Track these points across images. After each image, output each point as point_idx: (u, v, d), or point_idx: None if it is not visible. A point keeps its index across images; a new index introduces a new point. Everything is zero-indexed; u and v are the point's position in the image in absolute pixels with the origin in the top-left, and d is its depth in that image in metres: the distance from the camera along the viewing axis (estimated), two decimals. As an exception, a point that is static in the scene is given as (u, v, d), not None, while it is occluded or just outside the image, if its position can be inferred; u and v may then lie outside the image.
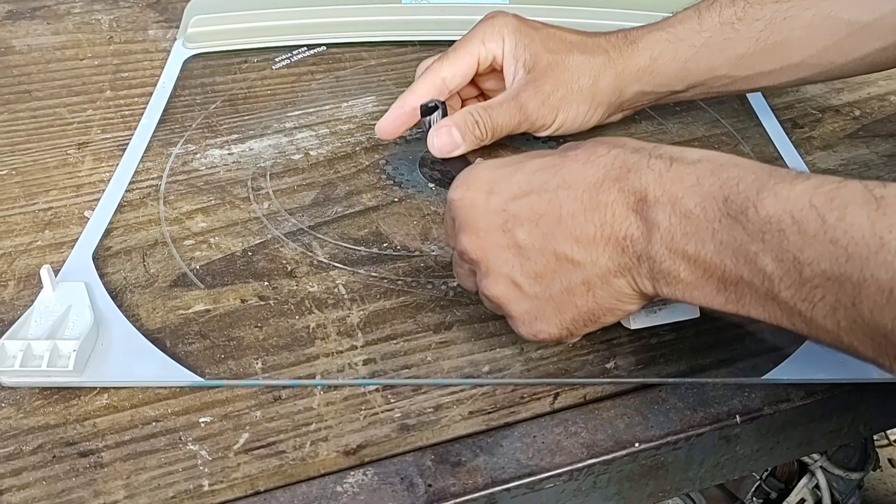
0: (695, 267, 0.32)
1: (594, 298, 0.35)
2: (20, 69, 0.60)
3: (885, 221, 0.28)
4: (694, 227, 0.32)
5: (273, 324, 0.41)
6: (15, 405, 0.37)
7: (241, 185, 0.49)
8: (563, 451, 0.36)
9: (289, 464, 0.35)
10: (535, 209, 0.35)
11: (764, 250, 0.30)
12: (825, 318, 0.30)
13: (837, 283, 0.29)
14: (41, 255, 0.44)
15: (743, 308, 0.32)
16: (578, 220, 0.34)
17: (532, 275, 0.35)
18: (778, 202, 0.30)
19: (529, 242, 0.35)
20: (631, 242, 0.33)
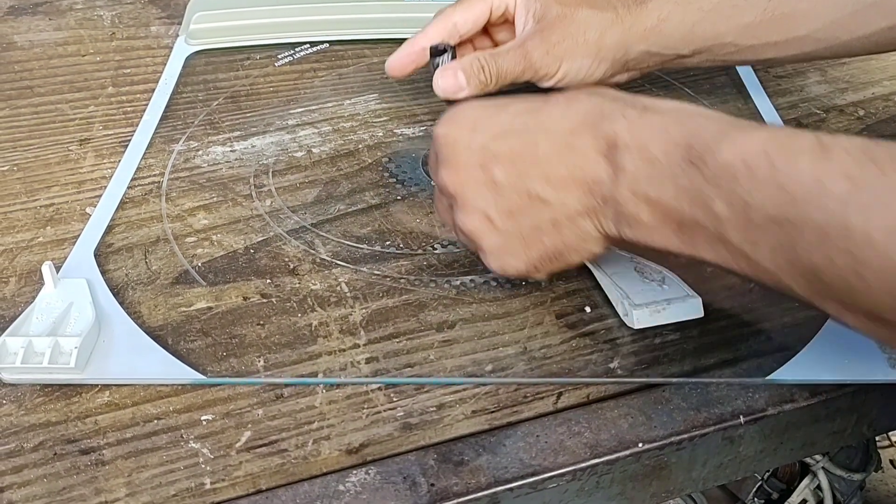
0: (655, 210, 0.33)
1: (561, 237, 0.37)
2: (22, 65, 0.59)
3: (826, 167, 0.29)
4: (657, 172, 0.33)
5: (275, 322, 0.40)
6: (16, 402, 0.37)
7: (244, 182, 0.49)
8: (567, 450, 0.36)
9: (291, 462, 0.35)
10: (513, 149, 0.36)
11: (718, 195, 0.31)
12: (767, 260, 0.31)
13: (779, 226, 0.30)
14: (43, 251, 0.44)
15: (696, 250, 0.33)
16: (552, 161, 0.36)
17: (505, 211, 0.37)
18: (734, 149, 0.31)
19: (505, 180, 0.37)
20: (598, 185, 0.35)
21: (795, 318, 0.41)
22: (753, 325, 0.41)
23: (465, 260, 0.44)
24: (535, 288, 0.43)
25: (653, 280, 0.41)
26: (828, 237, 0.28)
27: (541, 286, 0.43)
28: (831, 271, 0.29)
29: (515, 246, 0.38)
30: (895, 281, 0.27)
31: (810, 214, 0.29)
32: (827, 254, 0.29)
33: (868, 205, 0.28)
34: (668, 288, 0.41)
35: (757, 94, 0.57)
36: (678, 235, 0.33)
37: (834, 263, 0.29)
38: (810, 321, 0.41)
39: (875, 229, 0.27)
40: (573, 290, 0.42)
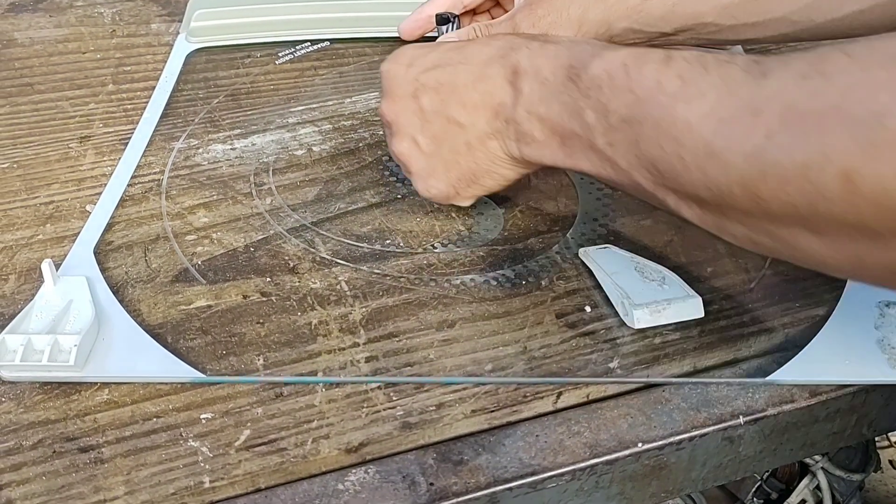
0: (545, 126, 0.38)
1: (474, 159, 0.41)
2: (22, 62, 0.59)
3: (665, 71, 0.33)
4: (546, 91, 0.38)
5: (275, 320, 0.40)
6: (15, 400, 0.37)
7: (244, 180, 0.49)
8: (566, 450, 0.35)
9: (290, 461, 0.35)
10: (439, 80, 0.41)
11: (588, 104, 0.36)
12: (622, 159, 0.35)
13: (629, 125, 0.34)
14: (42, 249, 0.44)
15: (576, 162, 0.38)
16: (468, 89, 0.40)
17: (430, 135, 0.42)
18: (602, 63, 0.36)
19: (430, 107, 0.41)
20: (503, 108, 0.39)
21: (795, 319, 0.41)
22: (753, 325, 0.41)
23: (465, 259, 0.44)
24: (535, 287, 0.42)
25: (653, 280, 0.41)
26: (661, 128, 0.33)
27: (541, 286, 0.43)
28: (664, 159, 0.33)
29: (438, 168, 0.42)
30: (706, 158, 0.31)
31: (650, 111, 0.33)
32: (660, 143, 0.33)
33: (691, 96, 0.32)
34: (668, 288, 0.41)
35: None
36: (562, 149, 0.38)
37: (665, 151, 0.33)
38: (810, 322, 0.41)
39: (694, 115, 0.32)
40: (573, 289, 0.42)
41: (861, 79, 0.28)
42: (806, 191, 0.29)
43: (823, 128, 0.28)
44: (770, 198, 0.30)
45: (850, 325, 0.40)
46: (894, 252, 0.29)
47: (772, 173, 0.29)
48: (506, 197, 0.48)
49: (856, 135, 0.27)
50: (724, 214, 0.33)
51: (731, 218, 0.33)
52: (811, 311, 0.41)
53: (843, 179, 0.28)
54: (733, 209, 0.32)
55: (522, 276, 0.43)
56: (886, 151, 0.27)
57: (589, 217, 0.47)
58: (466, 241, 0.45)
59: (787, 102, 0.30)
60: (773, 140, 0.29)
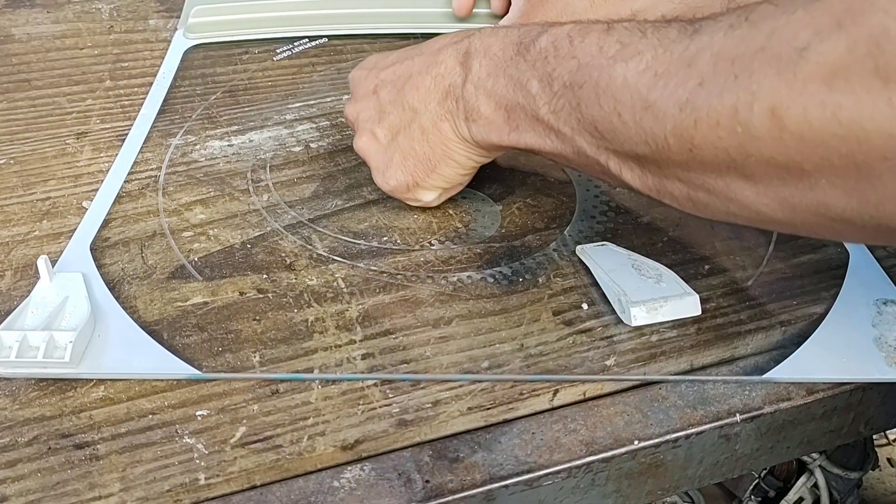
0: (490, 100, 0.39)
1: (428, 143, 0.42)
2: (19, 58, 0.59)
3: (607, 38, 0.35)
4: (494, 66, 0.39)
5: (271, 317, 0.40)
6: (10, 396, 0.36)
7: (241, 176, 0.49)
8: (562, 448, 0.35)
9: (285, 458, 0.34)
10: (396, 73, 0.43)
11: (533, 75, 0.37)
12: (566, 125, 0.36)
13: (571, 90, 0.35)
14: (38, 245, 0.44)
15: (521, 136, 0.39)
16: (422, 75, 0.42)
17: (387, 126, 0.43)
18: (549, 37, 0.37)
19: (388, 99, 0.43)
20: (453, 88, 0.41)
21: (792, 317, 0.41)
22: (750, 323, 0.41)
23: (462, 256, 0.44)
24: (532, 285, 0.42)
25: (650, 277, 0.41)
26: (600, 87, 0.34)
27: (538, 283, 0.42)
28: (603, 119, 0.34)
29: (395, 158, 0.43)
30: (643, 111, 0.32)
31: (591, 74, 0.35)
32: (600, 103, 0.34)
33: (628, 56, 0.33)
34: (665, 285, 0.41)
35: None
36: (508, 123, 0.39)
37: (604, 110, 0.34)
38: (807, 320, 0.41)
39: (631, 72, 0.33)
40: (570, 286, 0.42)
41: (784, 21, 0.29)
42: (736, 133, 0.30)
43: (750, 69, 0.29)
44: (703, 144, 0.31)
45: (847, 323, 0.40)
46: (820, 192, 0.29)
47: (703, 118, 0.30)
48: (503, 194, 0.48)
49: (780, 71, 0.28)
50: (662, 173, 0.34)
51: (669, 175, 0.34)
52: (808, 309, 0.41)
53: (770, 116, 0.29)
54: (670, 163, 0.33)
55: (519, 274, 0.43)
56: (809, 84, 0.28)
57: (586, 214, 0.47)
58: (463, 239, 0.45)
59: (717, 51, 0.31)
60: (705, 86, 0.30)
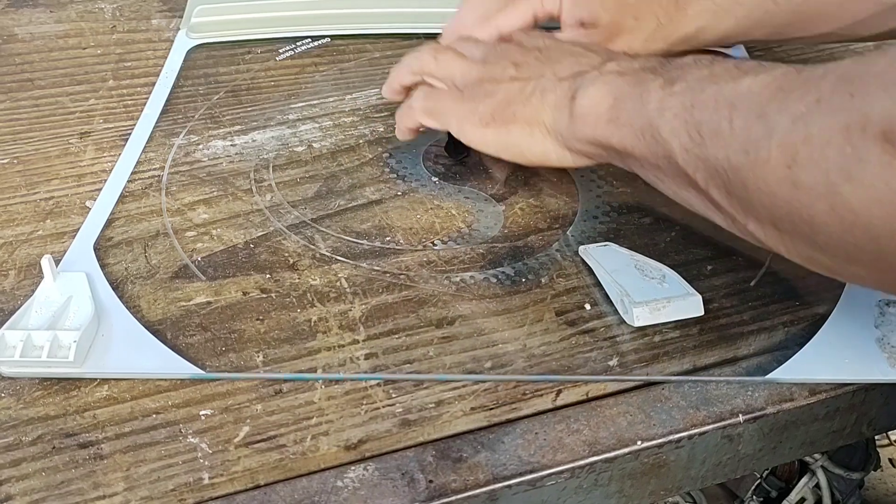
0: (605, 86, 0.39)
1: (525, 102, 0.42)
2: (22, 57, 0.59)
3: (747, 61, 0.36)
4: (627, 66, 0.40)
5: (275, 317, 0.40)
6: (15, 395, 0.37)
7: (244, 176, 0.49)
8: (565, 448, 0.35)
9: (289, 458, 0.35)
10: (553, 43, 0.46)
11: (658, 76, 0.37)
12: (666, 124, 0.35)
13: (691, 93, 0.35)
14: (42, 244, 0.44)
15: (616, 130, 0.38)
16: (568, 55, 0.43)
17: (516, 68, 0.43)
18: (691, 57, 0.38)
19: (534, 57, 0.44)
20: (581, 72, 0.41)
21: (795, 317, 0.41)
22: (753, 323, 0.41)
23: (465, 256, 0.44)
24: (534, 285, 0.42)
25: (653, 278, 0.41)
26: (721, 94, 0.34)
27: (541, 283, 0.43)
28: (711, 122, 0.33)
29: (498, 93, 0.43)
30: (754, 120, 0.32)
31: (717, 82, 0.35)
32: (715, 107, 0.33)
33: (761, 72, 0.33)
34: (668, 286, 0.41)
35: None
36: (609, 111, 0.38)
37: (717, 114, 0.33)
38: (810, 320, 0.41)
39: (756, 84, 0.33)
40: (573, 287, 0.42)
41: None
42: (845, 153, 0.29)
43: (866, 90, 0.29)
44: (806, 161, 0.30)
45: (849, 323, 0.40)
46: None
47: (814, 135, 0.30)
48: (506, 194, 0.48)
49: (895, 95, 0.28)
50: (748, 192, 0.32)
51: (756, 198, 0.32)
52: (811, 310, 0.41)
53: (882, 139, 0.28)
54: (761, 181, 0.32)
55: (522, 274, 0.43)
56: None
57: (589, 215, 0.47)
58: (466, 239, 0.45)
59: (840, 73, 0.30)
60: (822, 103, 0.30)
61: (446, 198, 0.48)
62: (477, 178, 0.49)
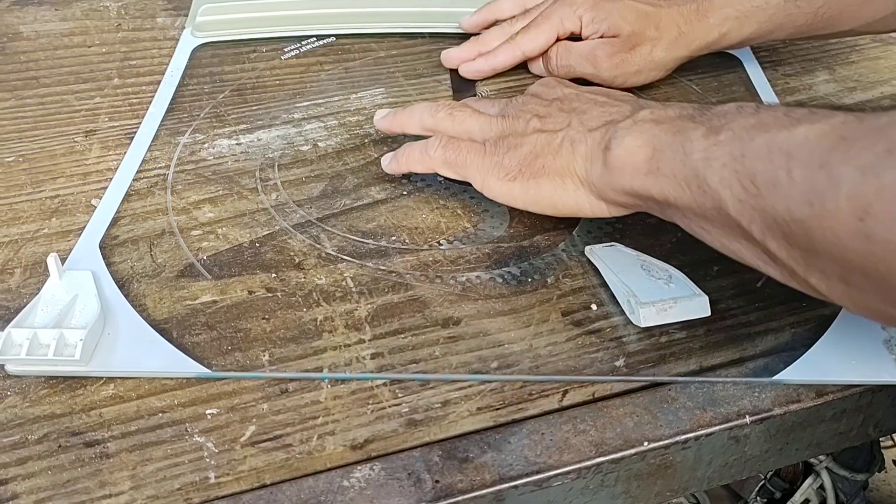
0: (641, 135, 0.37)
1: (554, 154, 0.41)
2: (28, 55, 0.59)
3: (795, 108, 0.34)
4: (663, 115, 0.38)
5: (280, 316, 0.40)
6: (20, 394, 0.37)
7: (250, 175, 0.49)
8: (572, 448, 0.35)
9: (295, 457, 0.34)
10: (580, 97, 0.44)
11: (700, 125, 0.35)
12: (714, 174, 0.34)
13: (739, 142, 0.33)
14: (48, 242, 0.44)
15: (656, 181, 0.36)
16: (596, 106, 0.42)
17: (542, 123, 0.42)
18: (730, 106, 0.36)
19: (558, 108, 0.43)
20: (611, 122, 0.40)
21: (802, 318, 0.41)
22: (760, 324, 0.41)
23: (471, 256, 0.44)
24: (540, 285, 0.42)
25: (659, 278, 0.41)
26: (775, 143, 0.32)
27: (547, 283, 0.42)
28: (767, 173, 0.32)
29: (523, 147, 0.42)
30: (816, 170, 0.30)
31: (769, 130, 0.33)
32: (770, 157, 0.32)
33: (815, 120, 0.32)
34: (674, 286, 0.41)
35: (765, 92, 0.57)
36: (648, 163, 0.37)
37: (772, 164, 0.32)
38: (817, 321, 0.41)
39: (813, 132, 0.31)
40: (579, 287, 0.42)
41: None
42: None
43: None
44: (881, 213, 0.28)
45: (856, 324, 0.40)
46: None
47: (888, 187, 0.28)
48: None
49: None
50: (812, 245, 0.31)
51: (821, 250, 0.30)
52: (818, 311, 0.41)
53: None
54: (828, 234, 0.30)
55: (528, 274, 0.43)
56: None
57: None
58: (472, 239, 0.45)
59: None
60: (892, 155, 0.28)
61: (452, 197, 0.48)
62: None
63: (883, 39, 0.63)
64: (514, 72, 0.57)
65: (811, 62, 0.60)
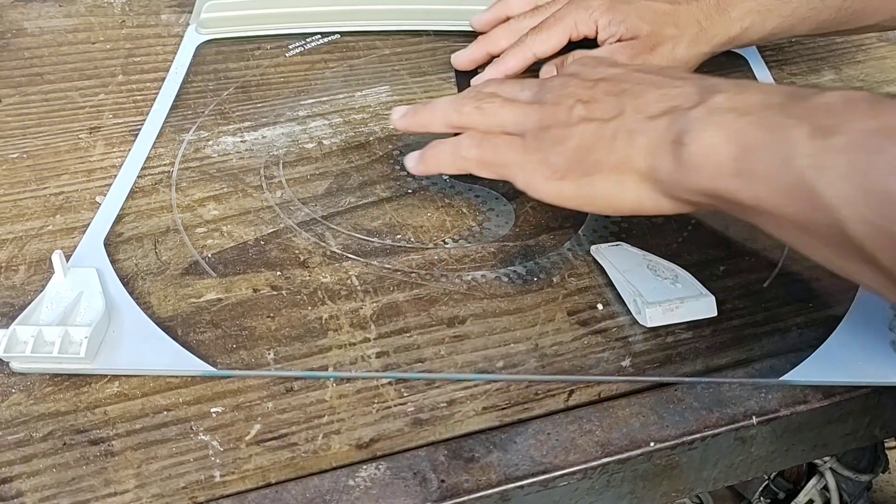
0: (721, 131, 0.33)
1: (608, 148, 0.36)
2: (32, 51, 0.59)
3: None
4: (743, 103, 0.33)
5: (285, 314, 0.40)
6: (25, 391, 0.36)
7: (254, 173, 0.49)
8: (578, 449, 0.35)
9: (301, 456, 0.34)
10: (628, 75, 0.39)
11: (802, 123, 0.30)
12: (829, 187, 0.29)
13: (863, 151, 0.29)
14: (52, 239, 0.44)
15: (747, 185, 0.32)
16: (651, 87, 0.37)
17: (587, 109, 0.38)
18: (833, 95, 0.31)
19: (605, 89, 0.38)
20: (676, 109, 0.35)
21: (809, 319, 0.41)
22: (767, 325, 0.41)
23: (476, 255, 0.44)
24: (546, 284, 0.42)
25: (666, 278, 0.41)
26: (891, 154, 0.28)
27: (552, 283, 0.42)
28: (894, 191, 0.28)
29: (569, 141, 0.37)
30: None
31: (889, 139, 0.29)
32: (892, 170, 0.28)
33: None
34: (681, 286, 0.40)
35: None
36: (735, 162, 0.32)
37: None
38: (824, 322, 0.41)
39: None
40: (585, 286, 0.42)
41: None
42: None
43: None
44: None
45: (864, 326, 0.40)
46: None
47: None
48: (517, 192, 0.48)
49: None
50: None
51: None
52: (825, 312, 0.41)
53: None
54: None
55: (534, 273, 0.43)
56: None
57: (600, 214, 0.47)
58: (477, 237, 0.45)
59: None
60: None
61: (457, 196, 0.48)
62: (488, 176, 0.49)
63: (890, 39, 0.62)
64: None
65: (817, 61, 0.60)
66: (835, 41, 0.62)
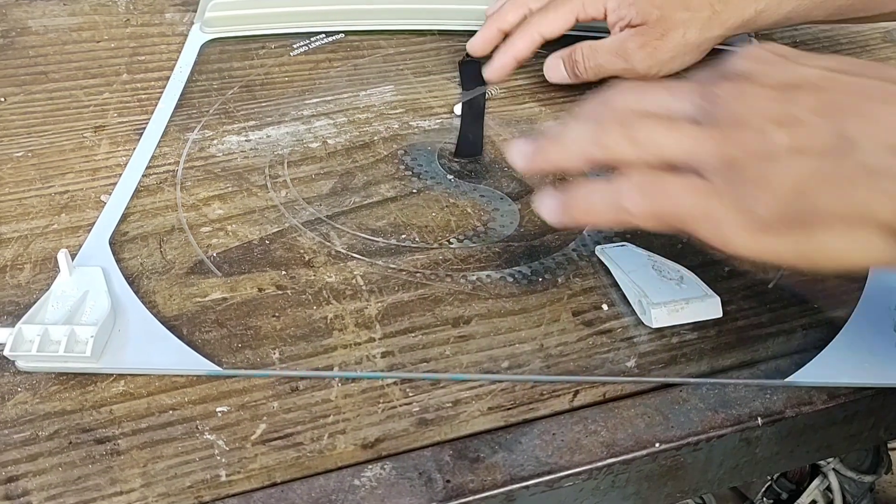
0: None
1: (835, 192, 0.28)
2: (36, 50, 0.59)
3: None
4: None
5: (290, 314, 0.40)
6: (31, 390, 0.36)
7: (259, 172, 0.49)
8: (583, 449, 0.35)
9: (306, 456, 0.34)
10: (835, 82, 0.30)
11: None
12: None
13: None
14: (57, 238, 0.44)
15: None
16: (879, 103, 0.28)
17: (793, 136, 0.29)
18: None
19: (810, 107, 0.29)
20: None
21: (814, 320, 0.41)
22: (772, 326, 0.41)
23: (481, 255, 0.44)
24: (551, 284, 0.42)
25: (671, 279, 0.41)
26: None
27: (557, 283, 0.42)
28: None
29: (776, 179, 0.28)
30: None
31: None
32: None
33: None
34: (686, 287, 0.40)
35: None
36: None
37: None
38: (829, 323, 0.41)
39: None
40: (590, 287, 0.42)
41: None
42: None
43: None
44: None
45: (868, 327, 0.40)
46: None
47: None
48: (522, 193, 0.48)
49: None
50: None
51: None
52: (830, 313, 0.41)
53: None
54: None
55: (539, 273, 0.43)
56: None
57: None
58: (482, 237, 0.45)
59: None
60: None
61: (462, 196, 0.48)
62: (492, 176, 0.49)
63: (895, 40, 0.62)
64: (523, 71, 0.57)
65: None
66: (839, 42, 0.62)
